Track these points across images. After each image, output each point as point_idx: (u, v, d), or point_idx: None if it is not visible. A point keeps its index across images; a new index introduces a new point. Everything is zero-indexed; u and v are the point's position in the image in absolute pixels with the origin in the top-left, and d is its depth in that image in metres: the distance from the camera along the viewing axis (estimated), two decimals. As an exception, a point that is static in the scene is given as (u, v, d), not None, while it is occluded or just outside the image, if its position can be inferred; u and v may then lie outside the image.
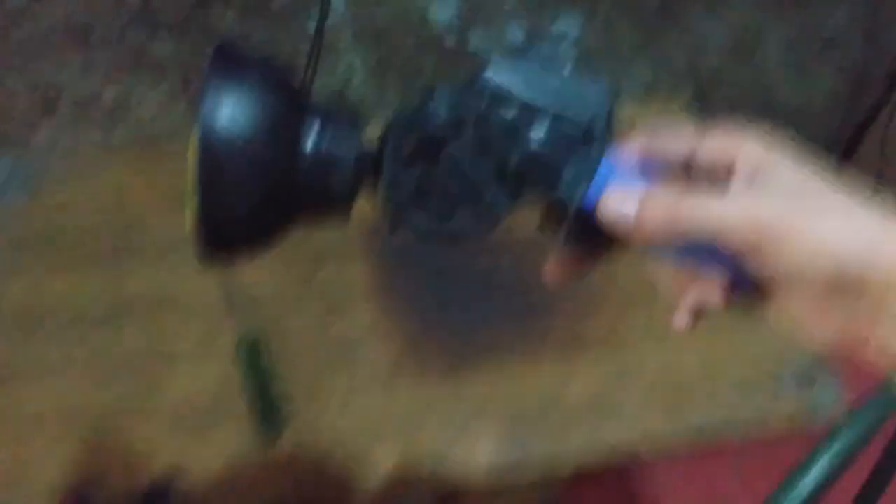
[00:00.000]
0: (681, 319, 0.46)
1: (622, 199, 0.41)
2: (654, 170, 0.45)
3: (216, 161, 0.40)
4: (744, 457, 1.62)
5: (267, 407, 0.79)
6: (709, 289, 0.44)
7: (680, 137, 0.46)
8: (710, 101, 2.12)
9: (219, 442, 0.79)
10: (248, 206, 0.42)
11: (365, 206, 0.45)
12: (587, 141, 0.42)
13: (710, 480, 1.63)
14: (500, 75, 0.42)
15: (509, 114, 0.42)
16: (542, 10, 2.48)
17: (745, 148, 0.43)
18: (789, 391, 0.86)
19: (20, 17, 2.30)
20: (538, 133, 0.42)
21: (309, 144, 0.43)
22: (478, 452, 0.81)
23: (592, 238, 0.44)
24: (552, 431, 0.83)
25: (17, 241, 0.90)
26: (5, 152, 1.90)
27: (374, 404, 0.83)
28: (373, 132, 0.43)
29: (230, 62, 0.43)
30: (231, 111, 0.40)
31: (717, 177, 0.44)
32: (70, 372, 0.82)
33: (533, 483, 0.88)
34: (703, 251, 0.43)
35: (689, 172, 0.45)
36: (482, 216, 0.43)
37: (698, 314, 0.46)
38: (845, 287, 0.38)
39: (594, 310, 0.90)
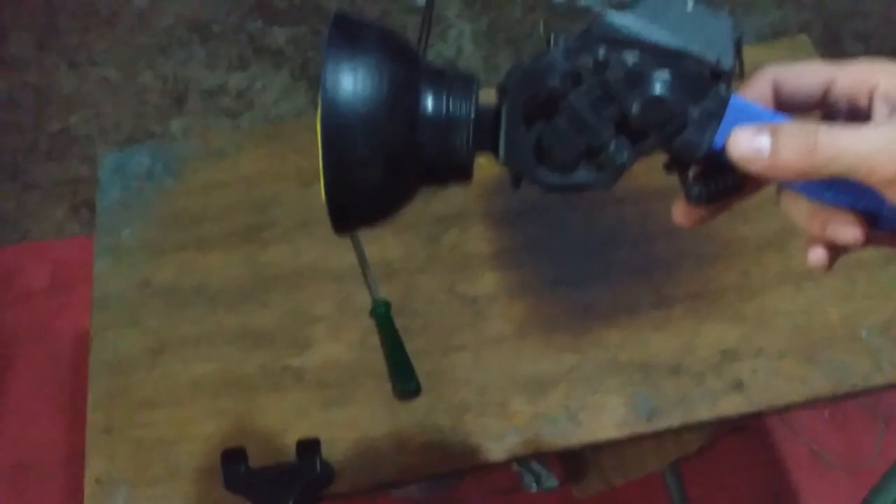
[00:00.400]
0: (817, 256, 0.44)
1: (755, 133, 0.39)
2: (787, 105, 0.43)
3: (340, 135, 0.41)
4: (891, 405, 1.55)
5: (403, 365, 0.82)
6: (849, 226, 0.42)
7: (813, 71, 0.43)
8: (841, 37, 2.01)
9: (360, 400, 0.83)
10: (373, 176, 0.42)
11: (483, 169, 0.46)
12: (715, 78, 0.41)
13: (854, 430, 1.57)
14: (618, 18, 0.41)
15: (630, 58, 0.39)
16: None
17: (884, 79, 0.40)
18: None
19: (144, 16, 2.45)
20: (662, 75, 0.39)
21: (428, 108, 0.43)
22: (610, 406, 0.81)
23: (724, 178, 0.43)
24: (686, 384, 0.83)
25: (166, 221, 0.97)
26: (144, 142, 2.03)
27: (505, 359, 0.84)
28: (487, 94, 0.43)
29: (347, 33, 0.43)
30: (351, 83, 0.41)
31: (854, 111, 0.42)
32: (220, 341, 0.88)
33: (668, 437, 0.87)
34: (843, 186, 0.40)
35: (825, 108, 0.43)
36: (607, 167, 0.41)
37: (837, 252, 0.44)
38: None
39: (725, 256, 0.88)
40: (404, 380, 0.81)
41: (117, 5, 2.35)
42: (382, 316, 0.86)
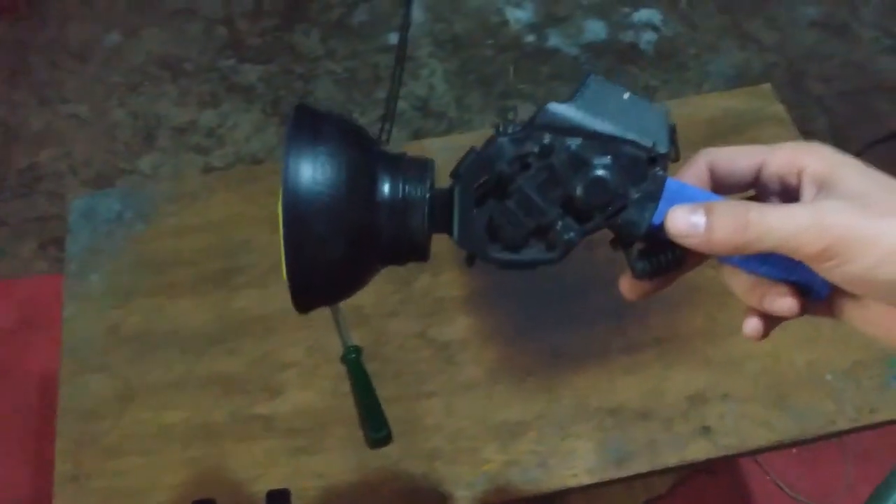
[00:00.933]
0: (752, 326, 0.46)
1: (691, 212, 0.41)
2: (723, 186, 0.46)
3: (301, 220, 0.43)
4: (859, 441, 1.57)
5: (374, 412, 0.82)
6: (785, 298, 0.44)
7: (746, 154, 0.45)
8: (804, 78, 2.06)
9: (331, 448, 0.82)
10: (334, 258, 0.44)
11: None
12: (652, 162, 0.44)
13: (823, 467, 1.59)
14: (560, 108, 0.43)
15: (573, 144, 0.43)
16: (621, 3, 2.46)
17: (811, 161, 0.43)
18: (902, 376, 0.83)
19: (116, 53, 2.44)
20: (603, 160, 0.43)
21: (385, 192, 0.45)
22: (580, 452, 0.82)
23: (665, 254, 0.45)
24: (654, 429, 0.83)
25: (135, 266, 0.96)
26: (114, 179, 2.02)
27: (476, 405, 0.85)
28: (463, 138, 0.45)
29: (307, 123, 0.45)
30: (311, 170, 0.43)
31: (786, 190, 0.44)
32: (189, 388, 0.87)
33: (637, 479, 0.88)
34: (777, 261, 0.42)
35: (758, 188, 0.45)
36: (555, 245, 0.44)
37: (772, 323, 0.46)
38: None
39: (692, 300, 0.90)
40: (375, 428, 0.81)
41: (88, 42, 2.35)
42: (353, 362, 0.86)
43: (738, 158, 0.45)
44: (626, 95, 0.44)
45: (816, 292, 0.44)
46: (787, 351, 0.87)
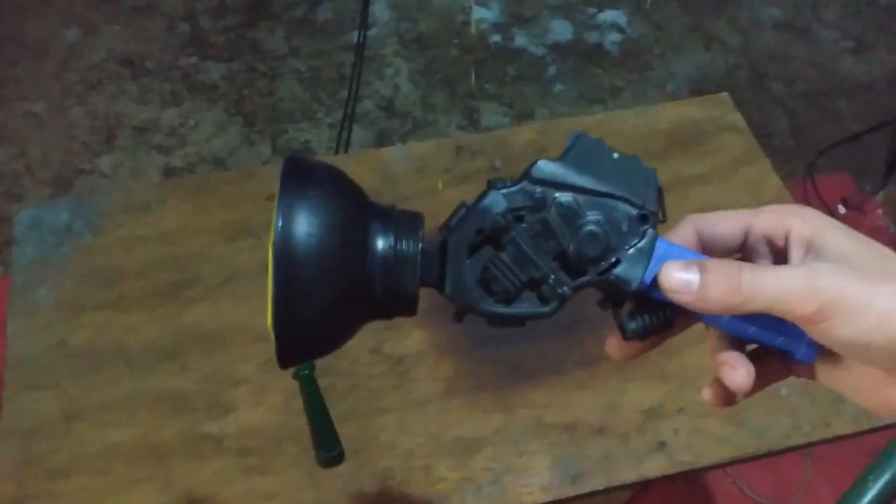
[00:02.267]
0: (711, 397, 0.46)
1: (685, 268, 0.41)
2: (710, 249, 0.46)
3: (292, 274, 0.42)
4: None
5: (326, 431, 0.80)
6: (740, 369, 0.44)
7: (730, 218, 0.46)
8: (766, 80, 2.07)
9: (283, 468, 0.81)
10: (322, 314, 0.43)
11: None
12: (642, 220, 0.44)
13: (782, 469, 1.60)
14: (551, 165, 0.44)
15: (565, 198, 0.43)
16: (587, 4, 2.46)
17: (796, 223, 0.43)
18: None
19: (75, 50, 2.39)
20: (595, 214, 0.43)
21: (377, 246, 0.45)
22: (535, 469, 0.81)
23: (655, 315, 0.45)
24: (610, 445, 0.83)
25: (84, 279, 0.94)
26: (73, 179, 1.98)
27: (431, 422, 0.83)
28: (426, 146, 0.44)
29: (299, 174, 0.44)
30: (305, 224, 0.42)
31: (775, 252, 0.44)
32: (138, 406, 0.85)
33: (594, 497, 0.88)
34: (766, 323, 0.43)
35: (745, 251, 0.46)
36: (547, 298, 0.44)
37: (729, 397, 0.45)
38: None
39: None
40: (328, 447, 0.79)
41: (47, 38, 2.30)
42: (306, 378, 0.85)
43: (724, 223, 0.46)
44: (615, 155, 0.44)
45: (805, 354, 0.44)
46: (742, 364, 0.87)
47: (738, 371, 0.43)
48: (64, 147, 2.05)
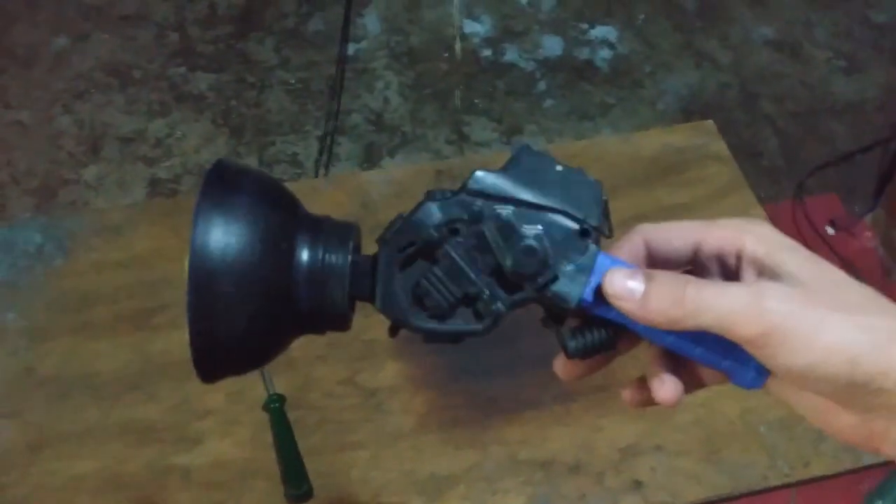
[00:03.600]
0: (629, 398, 0.45)
1: (630, 276, 0.39)
2: (659, 263, 0.44)
3: (208, 282, 0.40)
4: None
5: (294, 467, 0.79)
6: (668, 385, 0.42)
7: (682, 230, 0.43)
8: (757, 98, 2.06)
9: (251, 501, 0.79)
10: (243, 327, 0.41)
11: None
12: (583, 235, 0.42)
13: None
14: (491, 177, 0.42)
15: (504, 211, 0.41)
16: (578, 19, 2.44)
17: (749, 241, 0.41)
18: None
19: (62, 59, 2.37)
20: (534, 228, 0.41)
21: (304, 257, 0.43)
22: None
23: (597, 333, 0.43)
24: (585, 483, 0.81)
25: (53, 304, 0.91)
26: (57, 189, 1.96)
27: (403, 457, 0.82)
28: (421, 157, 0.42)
29: (223, 180, 0.42)
30: (224, 230, 0.40)
31: (725, 269, 0.42)
32: (104, 437, 0.83)
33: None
34: (712, 343, 0.41)
35: (695, 266, 0.43)
36: (482, 315, 0.42)
37: (648, 403, 0.44)
38: (858, 387, 0.36)
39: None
40: (295, 484, 0.77)
41: (34, 46, 2.28)
42: (276, 411, 0.83)
43: (675, 234, 0.43)
44: (559, 168, 0.43)
45: (751, 383, 0.42)
46: (720, 401, 0.85)
47: (665, 386, 0.42)
48: (49, 157, 2.04)
